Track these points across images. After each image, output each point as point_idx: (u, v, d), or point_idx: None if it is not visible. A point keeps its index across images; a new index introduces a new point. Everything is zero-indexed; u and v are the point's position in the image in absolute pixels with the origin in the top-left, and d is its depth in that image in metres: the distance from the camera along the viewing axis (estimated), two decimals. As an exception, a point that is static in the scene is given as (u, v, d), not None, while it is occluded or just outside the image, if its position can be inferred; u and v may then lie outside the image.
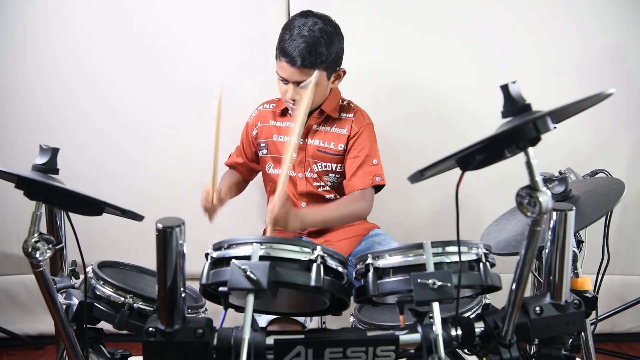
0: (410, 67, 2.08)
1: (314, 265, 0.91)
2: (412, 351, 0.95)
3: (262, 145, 1.72)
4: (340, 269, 0.97)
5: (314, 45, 1.46)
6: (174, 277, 0.88)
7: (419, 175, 0.86)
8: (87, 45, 2.05)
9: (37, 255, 0.93)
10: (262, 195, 1.86)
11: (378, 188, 1.64)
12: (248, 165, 1.79)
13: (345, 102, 1.70)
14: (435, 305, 0.87)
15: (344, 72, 1.62)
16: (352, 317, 1.33)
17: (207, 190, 1.43)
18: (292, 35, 1.48)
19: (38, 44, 2.05)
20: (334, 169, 1.66)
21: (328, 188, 1.68)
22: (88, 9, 2.04)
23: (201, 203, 1.44)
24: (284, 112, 1.69)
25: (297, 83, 1.51)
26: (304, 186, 1.68)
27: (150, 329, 0.89)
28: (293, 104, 1.56)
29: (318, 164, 1.66)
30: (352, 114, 1.66)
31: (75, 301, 1.12)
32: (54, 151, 0.99)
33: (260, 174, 1.84)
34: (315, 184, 1.68)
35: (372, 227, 1.75)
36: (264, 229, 1.82)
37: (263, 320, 1.37)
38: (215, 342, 0.90)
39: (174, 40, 2.06)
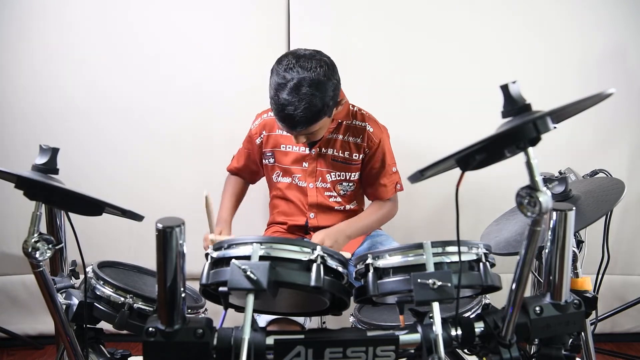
0: (413, 67, 2.08)
1: (314, 265, 0.91)
2: (412, 351, 0.95)
3: (268, 154, 1.69)
4: (340, 269, 0.97)
5: (310, 109, 1.38)
6: (174, 277, 0.87)
7: (419, 175, 0.86)
8: (86, 45, 2.05)
9: (37, 255, 0.93)
10: (262, 195, 1.86)
11: None
12: (250, 170, 1.77)
13: (355, 109, 1.66)
14: (435, 305, 0.87)
15: (344, 99, 1.57)
16: (352, 317, 1.33)
17: (207, 239, 1.45)
18: (286, 100, 1.38)
19: (37, 45, 2.05)
20: (348, 177, 1.65)
21: (339, 198, 1.67)
22: (87, 9, 2.04)
23: (204, 245, 1.48)
24: None
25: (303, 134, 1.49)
26: (314, 197, 1.66)
27: (150, 329, 0.89)
28: (302, 144, 1.58)
29: (332, 174, 1.65)
30: (367, 123, 1.63)
31: (75, 301, 1.12)
32: (54, 151, 0.99)
33: (260, 178, 1.82)
34: (326, 193, 1.66)
35: (374, 227, 1.75)
36: (265, 229, 1.82)
37: (262, 320, 1.37)
38: (215, 342, 0.90)
39: (173, 40, 2.06)
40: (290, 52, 1.46)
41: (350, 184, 1.67)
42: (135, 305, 1.10)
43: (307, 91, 1.37)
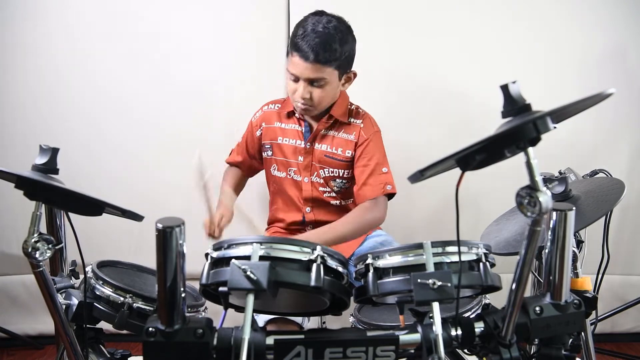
0: (413, 67, 2.08)
1: (314, 265, 0.91)
2: (412, 351, 0.95)
3: (266, 146, 1.70)
4: (340, 269, 0.97)
5: (328, 42, 1.45)
6: (174, 277, 0.87)
7: (419, 175, 0.86)
8: (87, 45, 2.05)
9: (37, 255, 0.93)
10: (262, 194, 1.86)
11: (390, 196, 1.61)
12: (249, 163, 1.77)
13: (353, 107, 1.67)
14: (435, 305, 0.87)
15: (355, 75, 1.60)
16: (352, 317, 1.33)
17: (207, 224, 1.49)
18: (306, 31, 1.47)
19: (38, 44, 2.05)
20: (341, 174, 1.65)
21: (334, 194, 1.67)
22: (88, 9, 2.04)
23: (205, 232, 1.51)
24: (290, 114, 1.67)
25: (308, 81, 1.49)
26: (309, 191, 1.66)
27: (150, 329, 0.88)
28: (302, 103, 1.54)
29: (325, 169, 1.64)
30: (361, 120, 1.63)
31: (75, 301, 1.12)
32: (54, 151, 0.99)
33: (258, 173, 1.82)
34: (321, 189, 1.66)
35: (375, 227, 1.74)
36: (265, 229, 1.82)
37: (260, 320, 1.37)
38: (215, 342, 0.90)
39: (174, 40, 2.06)
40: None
41: (344, 181, 1.66)
42: (135, 305, 1.10)
43: (329, 30, 1.47)
